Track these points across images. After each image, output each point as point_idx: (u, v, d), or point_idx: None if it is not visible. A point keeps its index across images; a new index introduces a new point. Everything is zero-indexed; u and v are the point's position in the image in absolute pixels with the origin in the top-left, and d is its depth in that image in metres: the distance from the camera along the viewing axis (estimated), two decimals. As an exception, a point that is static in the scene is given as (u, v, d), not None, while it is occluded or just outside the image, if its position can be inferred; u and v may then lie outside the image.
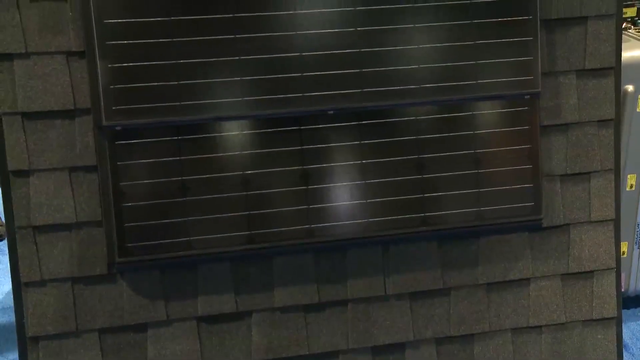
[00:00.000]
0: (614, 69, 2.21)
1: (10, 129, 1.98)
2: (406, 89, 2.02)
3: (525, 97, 2.10)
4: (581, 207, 2.24)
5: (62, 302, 2.05)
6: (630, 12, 2.69)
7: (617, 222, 2.28)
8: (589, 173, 2.24)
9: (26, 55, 1.96)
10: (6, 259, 3.69)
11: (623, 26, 2.43)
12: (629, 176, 2.54)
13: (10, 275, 2.06)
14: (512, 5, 2.05)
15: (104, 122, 1.93)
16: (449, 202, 2.11)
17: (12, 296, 2.11)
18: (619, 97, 2.24)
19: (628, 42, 2.50)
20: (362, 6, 1.98)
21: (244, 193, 2.01)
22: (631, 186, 2.56)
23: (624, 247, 2.68)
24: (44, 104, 1.98)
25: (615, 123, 2.24)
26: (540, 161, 2.14)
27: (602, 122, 2.23)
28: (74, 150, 2.00)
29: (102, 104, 1.91)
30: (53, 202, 2.02)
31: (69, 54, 1.97)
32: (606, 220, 2.27)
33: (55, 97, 1.98)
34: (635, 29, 2.64)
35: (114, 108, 1.92)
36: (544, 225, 2.21)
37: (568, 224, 2.25)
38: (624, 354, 2.59)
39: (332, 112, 2.01)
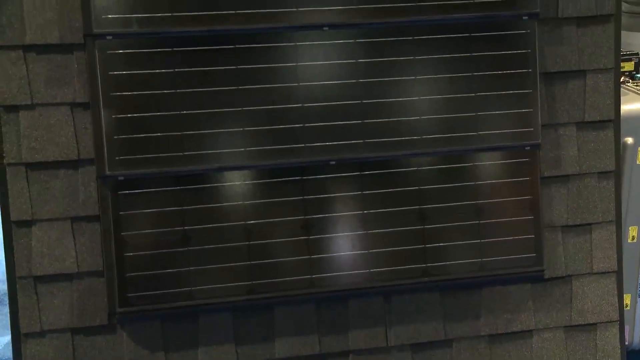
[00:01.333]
0: (613, 121, 2.23)
1: (14, 179, 1.99)
2: (408, 140, 2.04)
3: (526, 148, 2.11)
4: (583, 258, 2.24)
5: (61, 353, 2.04)
6: (627, 66, 2.72)
7: (619, 274, 2.28)
8: (590, 224, 2.24)
9: (32, 107, 1.98)
10: (6, 309, 3.67)
11: (621, 80, 2.46)
12: (630, 228, 2.54)
13: (9, 326, 2.05)
14: (512, 58, 2.08)
15: (107, 172, 1.94)
16: (451, 252, 2.11)
17: (10, 347, 2.10)
18: (619, 149, 2.25)
19: (626, 95, 2.52)
20: (364, 58, 2.01)
21: (246, 243, 2.02)
22: (633, 238, 2.56)
23: (627, 299, 2.66)
24: (48, 154, 1.99)
25: (616, 175, 2.25)
26: (541, 212, 2.14)
27: (603, 174, 2.24)
28: (77, 200, 2.01)
29: (105, 154, 1.93)
30: (55, 252, 2.02)
31: (74, 105, 1.99)
32: (608, 272, 2.26)
33: (59, 148, 2.00)
34: (633, 83, 2.67)
35: (117, 158, 1.93)
36: (546, 276, 2.20)
37: (570, 276, 2.24)
38: (629, 408, 2.56)
39: (334, 162, 2.02)
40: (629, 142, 2.44)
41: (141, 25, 1.90)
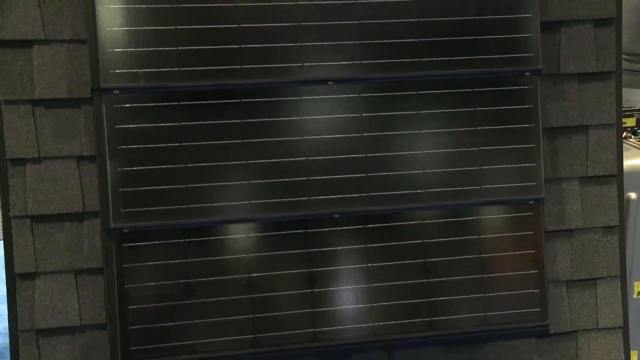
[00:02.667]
0: (616, 176, 2.24)
1: (20, 231, 2.00)
2: (411, 194, 2.05)
3: (530, 202, 2.12)
4: (588, 313, 2.23)
5: (63, 407, 2.03)
6: (629, 122, 2.75)
7: (625, 330, 2.26)
8: (595, 279, 2.23)
9: (39, 160, 2.00)
10: (7, 365, 3.63)
11: (623, 135, 2.48)
12: (635, 283, 2.53)
13: (10, 380, 2.03)
14: (515, 113, 2.10)
15: (112, 225, 1.94)
16: (455, 306, 2.09)
17: (11, 401, 2.08)
18: (622, 204, 2.26)
19: (629, 150, 2.54)
20: (368, 112, 2.03)
21: (250, 296, 2.01)
22: (638, 293, 2.55)
23: (634, 356, 2.63)
24: (54, 207, 2.00)
25: (620, 230, 2.26)
26: (545, 266, 2.14)
27: (607, 229, 2.24)
28: (81, 252, 2.02)
29: (110, 206, 1.94)
30: (58, 305, 2.01)
31: (80, 158, 2.01)
32: (614, 328, 2.25)
33: (64, 200, 2.01)
34: (635, 139, 2.69)
35: (121, 211, 1.94)
36: (551, 331, 2.18)
37: (575, 331, 2.22)
38: None
39: (337, 215, 2.03)
40: (632, 197, 2.44)
41: (148, 80, 1.93)
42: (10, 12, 1.94)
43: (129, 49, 1.92)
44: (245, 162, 1.98)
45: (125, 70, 1.92)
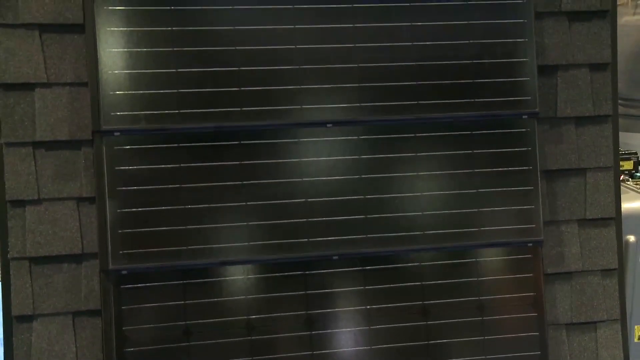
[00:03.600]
0: (615, 219, 2.25)
1: (18, 273, 1.99)
2: (410, 236, 2.05)
3: (528, 245, 2.12)
4: (589, 357, 2.21)
5: None
6: (627, 165, 2.76)
7: (626, 374, 2.25)
8: (595, 322, 2.22)
9: (38, 202, 2.00)
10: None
11: (621, 178, 2.49)
12: (636, 327, 2.52)
13: None
14: (513, 156, 2.11)
15: (110, 266, 1.94)
16: (454, 349, 2.08)
17: None
18: (622, 247, 2.26)
19: (627, 193, 2.55)
20: (367, 155, 2.04)
21: (248, 338, 2.00)
22: (639, 337, 2.53)
23: (635, 401, 2.61)
24: (52, 248, 2.00)
25: (619, 273, 2.25)
26: (545, 309, 2.13)
27: (606, 272, 2.24)
28: (79, 294, 2.01)
29: (109, 247, 1.94)
30: (54, 348, 2.00)
31: (80, 199, 2.01)
32: (615, 373, 2.24)
33: (63, 242, 2.00)
34: (633, 182, 2.70)
35: (120, 252, 1.94)
36: (552, 376, 2.18)
37: (576, 375, 2.21)
38: None
39: (336, 257, 2.03)
40: (631, 240, 2.44)
41: (148, 122, 1.95)
42: (13, 56, 1.96)
43: (129, 92, 1.94)
44: (244, 203, 1.99)
45: (125, 113, 1.94)
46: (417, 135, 2.06)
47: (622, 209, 2.27)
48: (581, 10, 2.20)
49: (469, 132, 2.08)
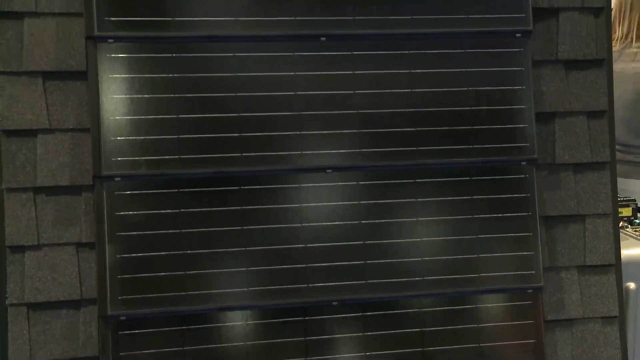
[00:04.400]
0: (614, 266, 2.25)
1: (15, 320, 1.98)
2: (410, 281, 2.05)
3: (528, 291, 2.11)
4: (590, 406, 2.19)
5: None
6: (625, 211, 2.77)
7: (629, 423, 2.22)
8: (596, 370, 2.21)
9: (38, 247, 2.00)
10: None
11: (620, 225, 2.50)
12: (637, 375, 2.51)
13: None
14: (512, 202, 2.12)
15: (109, 312, 1.93)
16: (456, 396, 2.07)
17: None
18: (622, 295, 2.26)
19: (626, 240, 2.55)
20: (367, 200, 2.05)
21: (247, 385, 1.99)
22: (641, 386, 2.52)
23: None
24: (51, 294, 1.99)
25: (620, 320, 2.24)
26: (546, 356, 2.12)
27: (607, 319, 2.23)
28: (77, 341, 1.99)
29: (108, 293, 1.93)
30: (51, 396, 1.98)
31: (79, 244, 2.01)
32: (618, 421, 2.21)
33: (62, 288, 2.00)
34: (632, 228, 2.70)
35: (119, 298, 1.93)
36: None
37: None
38: None
39: (336, 303, 2.02)
40: (631, 288, 2.44)
41: (149, 167, 1.96)
42: (17, 102, 1.98)
43: (130, 137, 1.95)
44: (243, 249, 1.99)
45: (126, 158, 1.95)
46: (417, 180, 2.07)
47: (621, 256, 2.27)
48: (577, 59, 2.23)
49: (467, 178, 2.09)
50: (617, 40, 3.04)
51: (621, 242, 2.29)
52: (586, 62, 2.24)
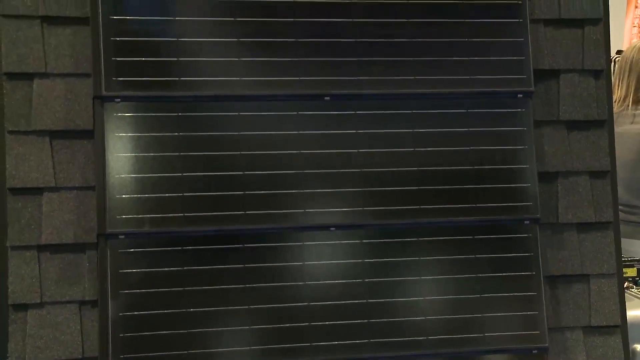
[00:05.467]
0: (620, 327, 2.23)
1: (16, 379, 1.98)
2: (413, 341, 2.03)
3: (533, 352, 2.09)
4: None
5: None
6: (630, 272, 2.75)
7: None
8: None
9: (41, 305, 1.99)
10: None
11: (625, 285, 2.49)
12: None
13: None
14: (516, 261, 2.12)
15: (110, 366, 1.93)
16: None
17: None
18: (628, 356, 2.23)
19: (631, 301, 2.53)
20: (370, 258, 2.05)
21: None
22: None
23: None
24: (52, 353, 1.97)
25: (628, 383, 2.22)
26: (552, 419, 2.09)
27: (614, 382, 2.21)
28: (78, 398, 1.98)
29: (109, 352, 1.92)
30: None
31: (82, 303, 2.01)
32: None
33: (63, 347, 1.98)
34: (637, 289, 2.69)
35: (121, 356, 1.92)
36: None
37: None
38: None
39: (339, 361, 2.01)
40: (637, 350, 2.41)
41: (153, 225, 1.97)
42: (23, 161, 2.00)
43: (135, 195, 1.97)
44: (247, 307, 1.98)
45: (130, 216, 1.96)
46: (420, 239, 2.07)
47: (627, 317, 2.26)
48: (579, 119, 2.25)
49: (471, 237, 2.10)
50: (615, 102, 3.08)
51: (627, 303, 2.28)
52: (587, 123, 2.26)
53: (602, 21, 2.27)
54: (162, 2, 2.03)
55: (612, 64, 3.98)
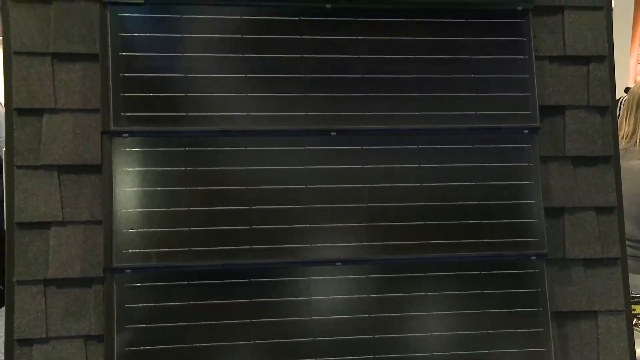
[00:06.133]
0: (631, 362, 2.21)
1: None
2: (420, 376, 2.02)
3: (541, 388, 2.08)
4: None
5: None
6: (638, 309, 2.73)
7: None
8: None
9: (46, 340, 1.99)
10: None
11: (634, 322, 2.47)
12: None
13: None
14: (523, 297, 2.11)
15: (115, 406, 1.91)
16: None
17: None
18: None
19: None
20: (376, 294, 2.05)
21: None
22: None
23: None
24: (57, 389, 1.98)
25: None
26: None
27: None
28: None
29: (115, 387, 1.92)
30: None
31: (88, 337, 2.00)
32: None
33: (69, 382, 1.98)
34: (645, 326, 2.67)
35: (126, 393, 1.92)
36: None
37: None
38: None
39: (345, 397, 1.99)
40: (647, 388, 2.38)
41: (159, 259, 1.97)
42: (31, 196, 2.02)
43: (142, 230, 1.97)
44: (252, 342, 1.98)
45: (137, 250, 1.96)
46: (426, 274, 2.07)
47: (636, 354, 2.23)
48: (585, 155, 2.25)
49: (477, 272, 2.09)
50: (622, 138, 3.09)
51: (635, 340, 2.26)
52: (593, 159, 2.26)
53: (607, 58, 2.29)
54: (171, 39, 2.05)
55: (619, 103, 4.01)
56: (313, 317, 2.01)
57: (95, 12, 2.05)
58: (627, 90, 4.24)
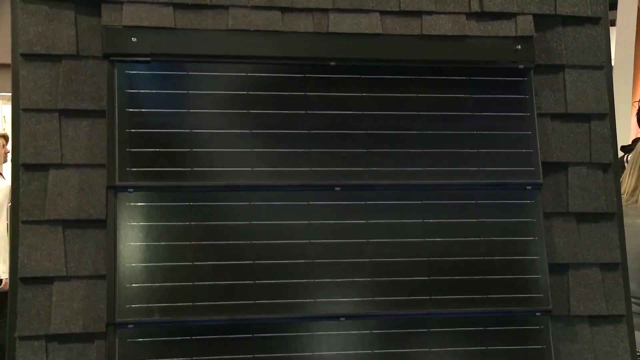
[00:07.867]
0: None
1: None
2: None
3: None
4: None
5: None
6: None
7: None
8: None
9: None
10: None
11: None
12: None
13: None
14: (528, 354, 2.09)
15: None
16: None
17: None
18: None
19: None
20: (380, 349, 2.03)
21: None
22: None
23: None
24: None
25: None
26: None
27: None
28: None
29: None
30: None
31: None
32: None
33: None
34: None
35: None
36: None
37: None
38: None
39: None
40: None
41: (163, 314, 1.96)
42: (35, 250, 2.02)
43: (145, 284, 1.97)
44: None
45: (140, 305, 1.96)
46: (430, 330, 2.06)
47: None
48: (588, 211, 2.25)
49: (482, 328, 2.08)
50: (625, 192, 3.09)
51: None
52: (597, 215, 2.26)
53: (608, 116, 2.30)
54: (176, 95, 2.08)
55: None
56: (318, 368, 2.00)
57: (103, 69, 2.08)
58: (622, 148, 4.26)
